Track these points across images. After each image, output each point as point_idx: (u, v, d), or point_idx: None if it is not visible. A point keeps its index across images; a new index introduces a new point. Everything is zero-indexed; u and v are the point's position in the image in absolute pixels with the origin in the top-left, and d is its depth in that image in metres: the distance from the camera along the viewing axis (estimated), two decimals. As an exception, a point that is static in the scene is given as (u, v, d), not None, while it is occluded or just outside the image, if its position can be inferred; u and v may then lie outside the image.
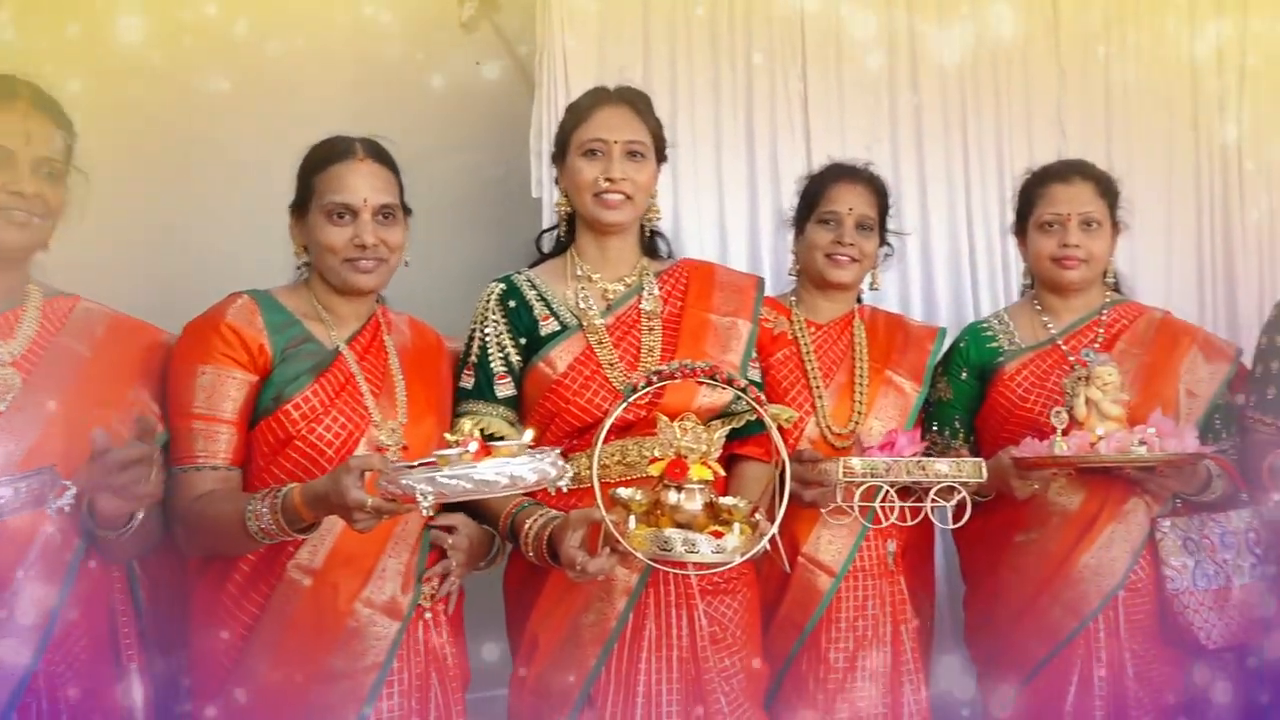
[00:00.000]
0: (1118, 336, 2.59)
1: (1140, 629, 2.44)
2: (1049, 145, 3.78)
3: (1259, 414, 2.54)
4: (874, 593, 2.44)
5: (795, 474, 2.34)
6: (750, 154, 3.64)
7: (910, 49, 3.78)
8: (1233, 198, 4.02)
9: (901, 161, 3.77)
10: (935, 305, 3.75)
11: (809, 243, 2.58)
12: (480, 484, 1.70)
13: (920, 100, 3.77)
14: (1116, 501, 2.45)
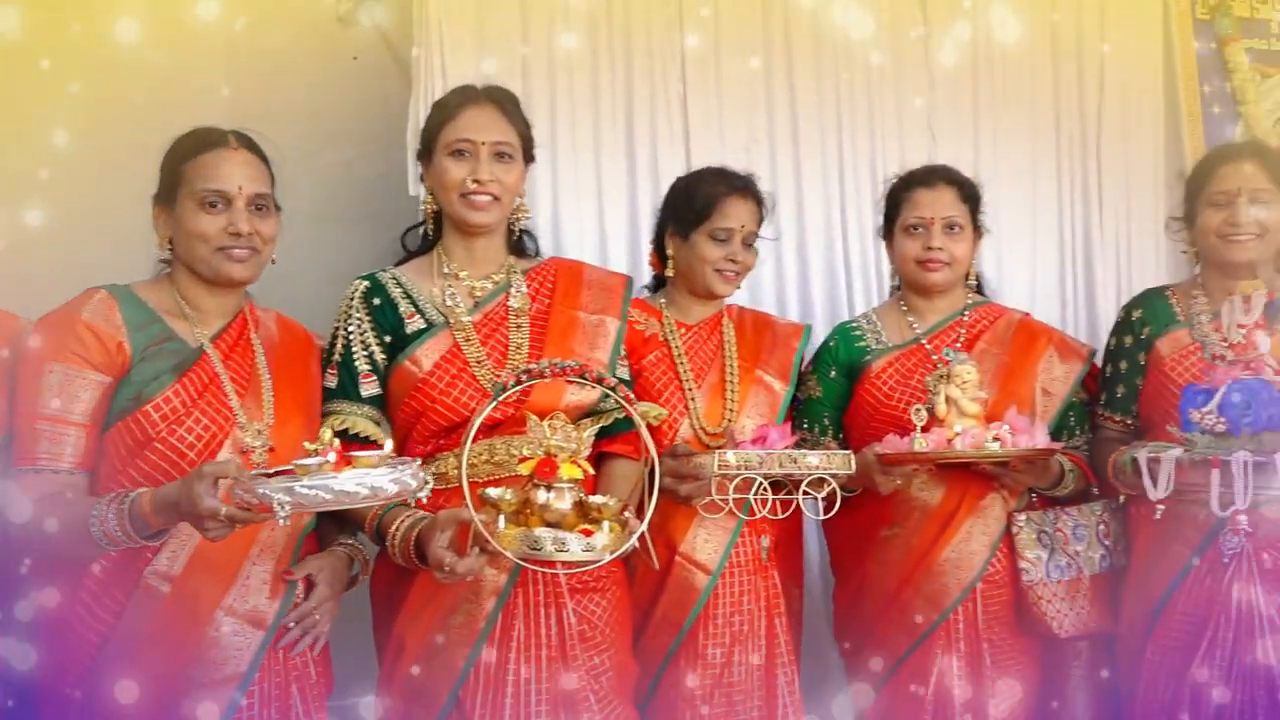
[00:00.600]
0: (978, 337, 2.64)
1: (997, 620, 2.49)
2: (919, 150, 3.86)
3: (1108, 412, 2.62)
4: (749, 588, 2.44)
5: (670, 469, 2.35)
6: (630, 156, 3.63)
7: (787, 53, 3.82)
8: (1092, 201, 4.16)
9: (779, 164, 3.81)
10: (810, 305, 3.79)
11: (698, 256, 2.54)
12: (339, 495, 1.67)
13: (797, 103, 3.82)
14: (975, 496, 2.50)
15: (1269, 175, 2.49)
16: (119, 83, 3.11)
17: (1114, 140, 4.17)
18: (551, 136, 3.54)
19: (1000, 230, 3.98)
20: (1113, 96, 4.18)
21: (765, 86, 3.78)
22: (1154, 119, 4.25)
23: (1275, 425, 2.00)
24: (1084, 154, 4.17)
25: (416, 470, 1.77)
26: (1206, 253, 2.55)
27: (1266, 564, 2.29)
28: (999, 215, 3.96)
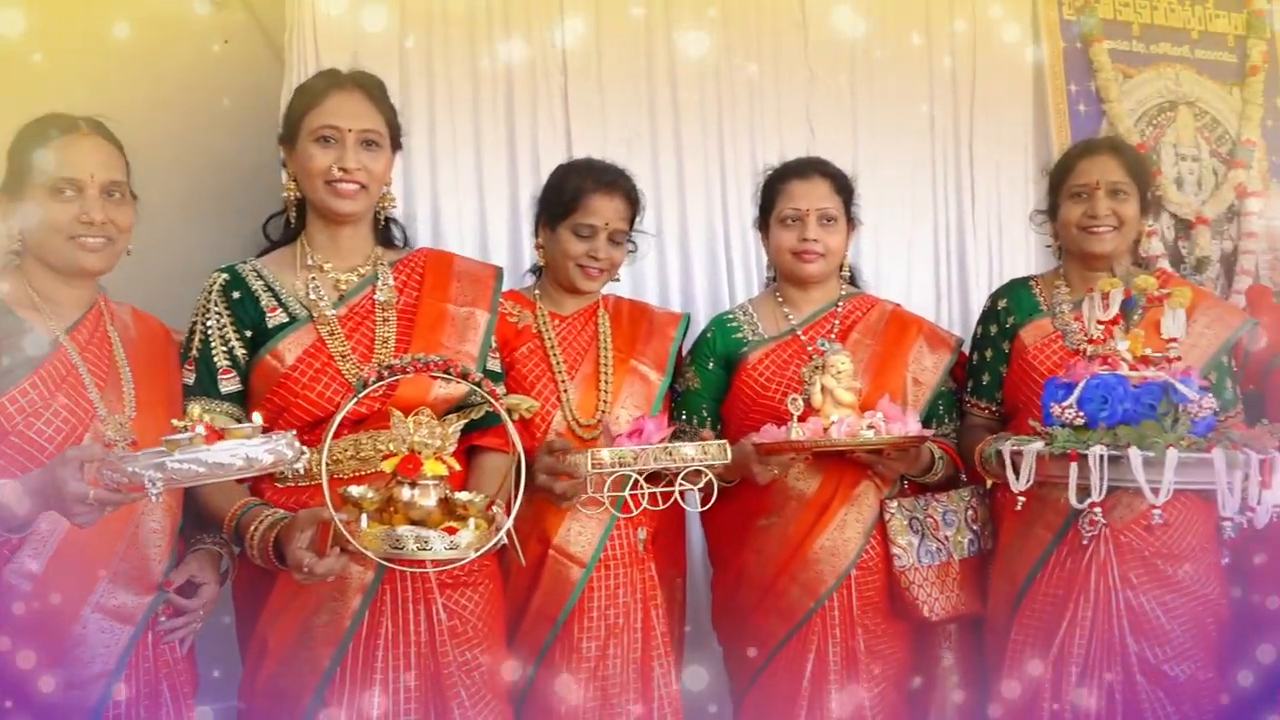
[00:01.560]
0: (852, 327, 2.63)
1: (871, 605, 2.49)
2: (799, 145, 3.86)
3: (974, 399, 2.65)
4: (625, 580, 2.40)
5: (544, 465, 2.29)
6: (511, 147, 3.57)
7: (668, 48, 3.79)
8: (965, 195, 4.22)
9: (661, 157, 3.78)
10: (693, 296, 3.78)
11: (562, 249, 2.50)
12: (214, 467, 1.62)
13: (679, 98, 3.79)
14: (849, 485, 2.50)
15: (1127, 170, 2.54)
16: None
17: (986, 136, 4.25)
18: (430, 125, 3.45)
19: (878, 223, 4.04)
20: (984, 94, 4.25)
21: (647, 81, 3.75)
22: (1023, 116, 4.34)
23: (1130, 419, 2.03)
24: (957, 150, 4.24)
25: (293, 440, 1.71)
26: (1068, 244, 2.58)
27: (1124, 544, 2.34)
28: (877, 209, 4.02)
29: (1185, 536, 2.36)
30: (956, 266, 4.22)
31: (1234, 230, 4.60)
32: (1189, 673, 2.32)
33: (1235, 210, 4.59)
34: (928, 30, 4.16)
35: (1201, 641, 2.36)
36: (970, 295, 4.08)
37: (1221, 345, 2.46)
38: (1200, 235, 4.46)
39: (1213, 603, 2.40)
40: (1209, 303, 2.56)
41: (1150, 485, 1.91)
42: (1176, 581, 2.35)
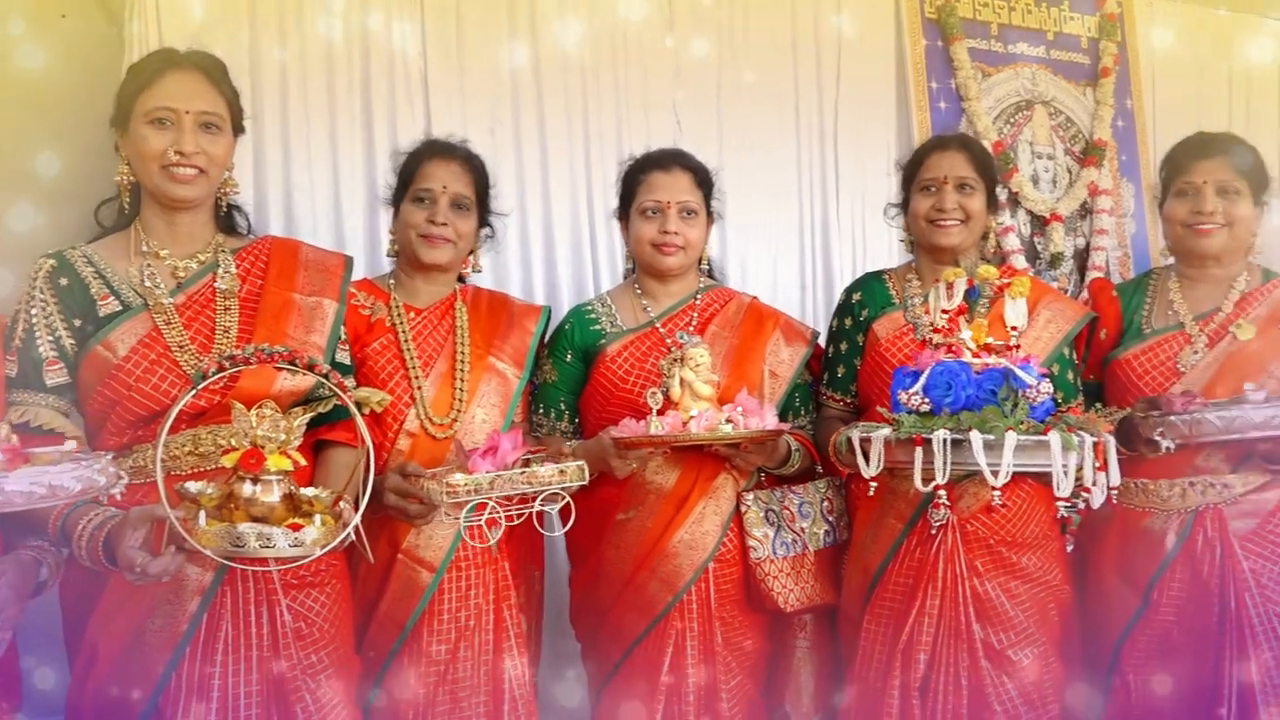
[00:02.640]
0: (710, 320, 2.68)
1: (728, 597, 2.54)
2: (665, 135, 3.92)
3: (830, 391, 2.73)
4: (478, 581, 2.39)
5: (395, 486, 2.27)
6: (368, 133, 3.53)
7: (532, 36, 3.79)
8: (829, 189, 4.34)
9: (524, 147, 3.79)
10: (557, 288, 3.80)
11: (405, 222, 2.50)
12: (10, 496, 1.53)
13: (543, 86, 3.80)
14: (707, 478, 2.54)
15: (974, 165, 2.65)
16: None
17: (851, 132, 4.37)
18: (282, 109, 3.39)
19: (744, 217, 4.13)
20: (849, 90, 4.38)
21: (510, 68, 3.75)
22: (886, 112, 4.48)
23: (973, 405, 2.12)
24: (822, 145, 4.35)
25: (107, 465, 1.65)
26: (918, 237, 2.68)
27: (970, 533, 2.44)
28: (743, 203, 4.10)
29: (1028, 525, 2.48)
30: (821, 260, 4.34)
31: (1086, 227, 4.83)
32: (1031, 657, 2.44)
33: (1088, 207, 4.83)
34: (793, 25, 4.26)
35: (1044, 626, 2.48)
36: (835, 289, 4.19)
37: (1063, 338, 2.59)
38: (1055, 232, 4.68)
39: (1055, 589, 2.52)
40: (1051, 297, 2.68)
41: (990, 467, 1.99)
42: (1020, 568, 2.47)
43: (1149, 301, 2.70)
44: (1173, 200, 2.63)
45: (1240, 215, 2.57)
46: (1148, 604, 2.52)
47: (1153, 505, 2.53)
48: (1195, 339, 2.57)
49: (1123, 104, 4.96)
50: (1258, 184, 2.62)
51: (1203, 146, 2.64)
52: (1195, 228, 2.58)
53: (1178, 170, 2.65)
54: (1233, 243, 2.59)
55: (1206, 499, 2.47)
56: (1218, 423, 2.24)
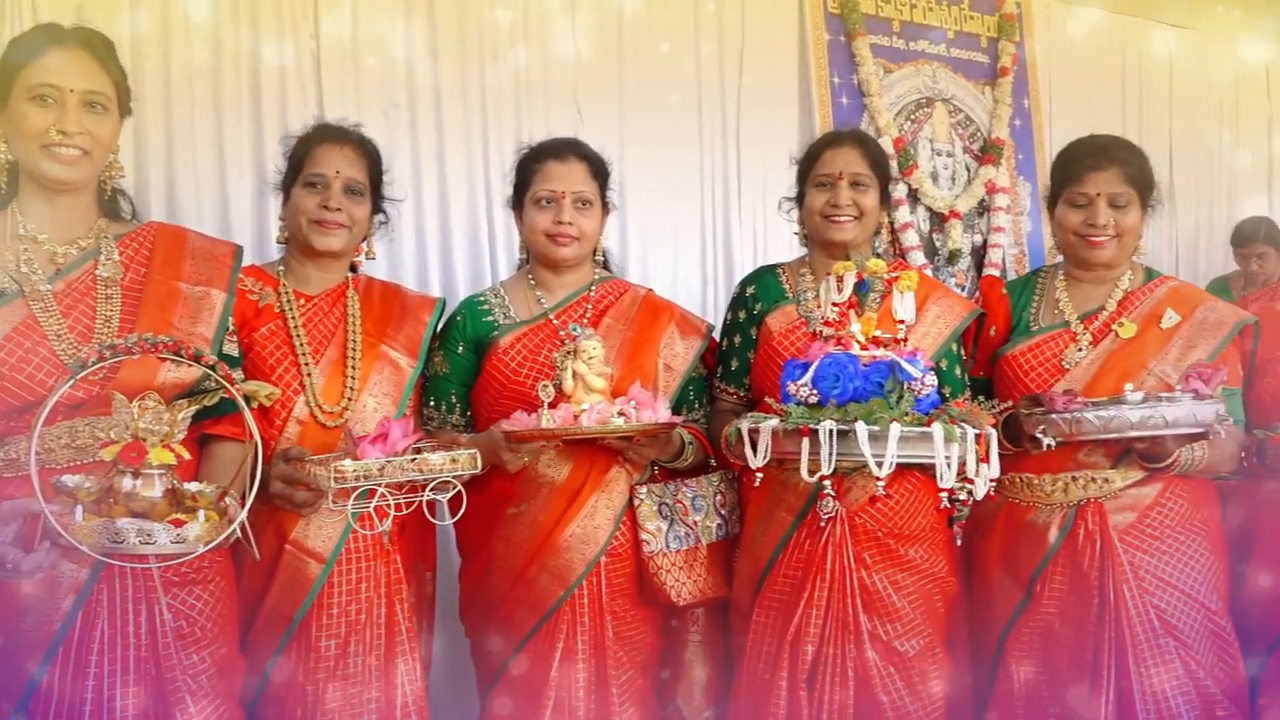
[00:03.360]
0: (604, 312, 2.73)
1: (620, 592, 2.60)
2: (566, 125, 3.97)
3: (724, 385, 2.81)
4: (368, 574, 2.41)
5: (281, 474, 2.28)
6: (257, 112, 3.52)
7: (430, 18, 3.82)
8: (731, 183, 4.45)
9: (421, 134, 3.81)
10: (453, 278, 3.83)
11: (296, 208, 2.52)
12: None
13: (440, 71, 3.83)
14: (600, 471, 2.60)
15: (868, 162, 2.75)
16: None
17: (753, 125, 4.49)
18: (165, 91, 3.37)
19: (644, 210, 4.21)
20: (752, 83, 4.49)
21: (405, 52, 3.77)
22: (789, 107, 4.61)
23: (860, 397, 2.21)
24: (724, 138, 4.46)
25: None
26: (812, 232, 2.78)
27: (858, 525, 2.55)
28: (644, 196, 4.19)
29: (915, 518, 2.59)
30: (723, 253, 4.45)
31: (984, 225, 5.02)
32: (918, 648, 2.56)
33: (985, 205, 5.02)
34: (696, 17, 4.35)
35: (930, 618, 2.59)
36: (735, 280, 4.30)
37: (951, 333, 2.71)
38: (953, 229, 4.86)
39: (942, 581, 2.64)
40: (940, 293, 2.80)
41: (875, 459, 2.09)
42: (907, 561, 2.58)
43: (1037, 299, 2.84)
44: (1065, 208, 2.74)
45: (1130, 225, 2.69)
46: (1030, 597, 2.65)
47: (1036, 499, 2.67)
48: (1080, 337, 2.71)
49: (1020, 104, 5.16)
50: (1146, 190, 2.75)
51: (1095, 157, 2.71)
52: (1087, 239, 2.70)
53: (1070, 179, 2.73)
54: (1121, 252, 2.73)
55: (1088, 493, 2.61)
56: (1096, 422, 2.36)
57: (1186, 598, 2.57)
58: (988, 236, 5.01)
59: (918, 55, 4.91)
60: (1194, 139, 5.85)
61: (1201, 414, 2.35)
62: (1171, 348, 2.65)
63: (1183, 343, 2.65)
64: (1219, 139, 5.98)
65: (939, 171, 4.93)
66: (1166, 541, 2.59)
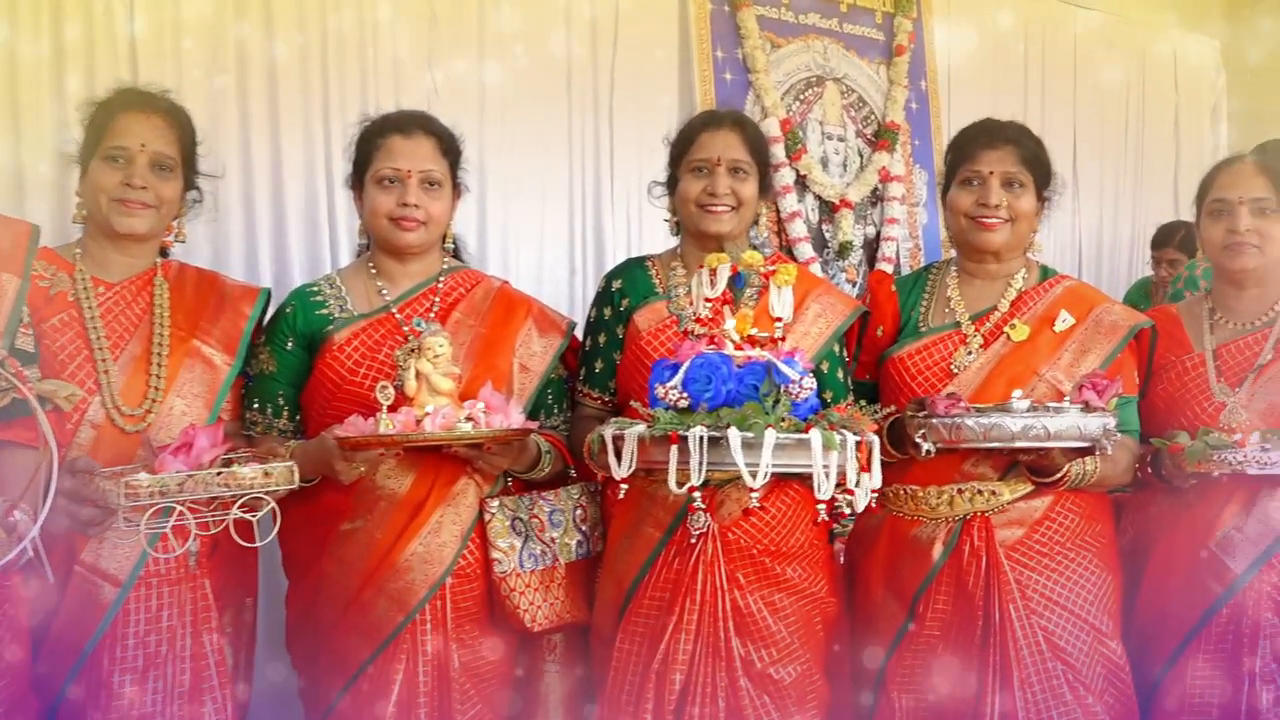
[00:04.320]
0: (454, 306, 2.70)
1: (468, 616, 2.57)
2: (419, 96, 3.93)
3: (586, 388, 2.80)
4: (171, 600, 2.35)
5: (68, 490, 2.17)
6: (58, 86, 3.39)
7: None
8: (604, 167, 4.45)
9: (252, 105, 3.73)
10: (288, 266, 3.76)
11: (95, 185, 2.44)
12: None
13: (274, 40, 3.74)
14: (446, 483, 2.57)
15: (748, 147, 2.77)
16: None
17: (628, 101, 4.49)
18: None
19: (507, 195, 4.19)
20: (627, 56, 4.50)
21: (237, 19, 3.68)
22: (668, 82, 4.63)
23: (734, 400, 2.23)
24: (597, 114, 4.46)
25: None
26: (685, 221, 2.79)
27: (731, 542, 2.56)
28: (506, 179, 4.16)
29: (793, 533, 2.61)
30: (593, 241, 4.45)
31: (877, 215, 5.12)
32: (795, 675, 2.58)
33: (879, 194, 5.12)
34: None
35: (809, 642, 2.62)
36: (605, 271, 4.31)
37: (833, 333, 2.74)
38: (844, 219, 4.94)
39: (821, 601, 2.67)
40: (821, 289, 2.83)
41: (748, 468, 2.10)
42: (785, 580, 2.60)
43: (927, 297, 2.89)
44: (957, 189, 2.81)
45: (1024, 210, 2.77)
46: (913, 618, 2.70)
47: (921, 513, 2.72)
48: (970, 339, 2.77)
49: (917, 85, 5.28)
50: (1042, 177, 2.83)
51: (989, 135, 2.81)
52: (979, 220, 2.76)
53: (963, 158, 2.82)
54: (1014, 238, 2.79)
55: (974, 507, 2.67)
56: (976, 429, 2.41)
57: (1076, 619, 2.65)
58: (881, 228, 5.10)
59: (808, 30, 4.98)
60: (1101, 129, 6.06)
61: (1088, 427, 2.41)
62: (1065, 352, 2.72)
63: (1076, 347, 2.73)
64: (1125, 130, 6.21)
65: (829, 157, 5.01)
66: (1056, 559, 2.66)
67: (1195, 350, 2.86)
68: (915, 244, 5.22)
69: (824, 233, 4.95)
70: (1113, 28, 6.08)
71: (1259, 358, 2.79)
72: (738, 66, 4.74)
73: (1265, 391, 2.76)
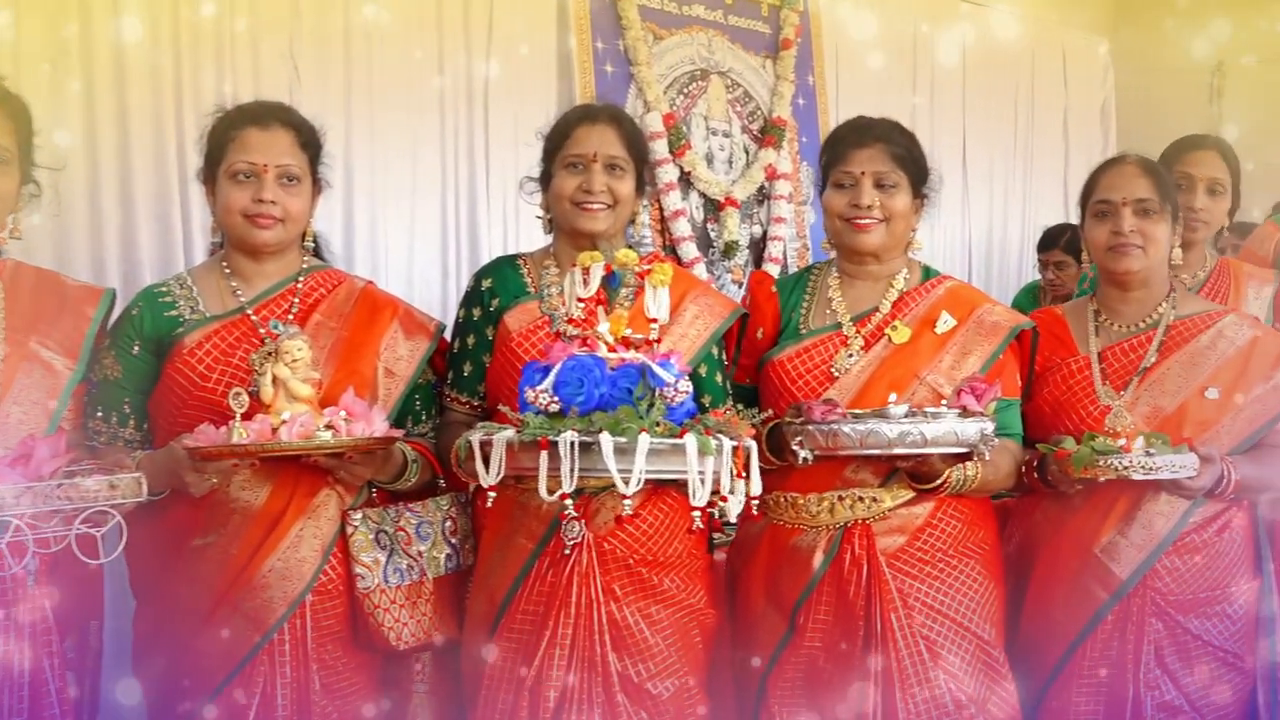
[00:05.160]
0: (314, 307, 2.68)
1: (330, 635, 2.56)
2: (279, 86, 3.89)
3: (455, 393, 2.80)
4: (7, 624, 2.27)
5: None
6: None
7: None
8: (479, 162, 4.45)
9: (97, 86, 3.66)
10: (138, 266, 3.71)
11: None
12: None
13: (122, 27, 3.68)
14: (305, 494, 2.56)
15: (625, 143, 2.80)
16: None
17: (504, 94, 4.51)
18: None
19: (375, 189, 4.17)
20: (503, 45, 4.51)
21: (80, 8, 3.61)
22: (546, 74, 4.66)
23: (606, 405, 2.24)
24: (471, 107, 4.46)
25: None
26: (559, 219, 2.80)
27: (607, 552, 2.58)
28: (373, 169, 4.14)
29: (671, 542, 2.64)
30: (467, 242, 4.45)
31: (764, 214, 5.19)
32: (673, 689, 2.61)
33: (766, 193, 5.19)
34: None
35: (687, 656, 2.65)
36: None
37: (711, 335, 2.77)
38: (729, 218, 5.00)
39: (700, 613, 2.70)
40: (699, 291, 2.85)
41: (621, 474, 2.12)
42: (662, 591, 2.63)
43: (808, 299, 2.94)
44: (831, 191, 2.85)
45: (898, 209, 2.83)
46: (794, 629, 2.75)
47: (802, 521, 2.76)
48: (852, 341, 2.83)
49: (805, 81, 5.37)
50: (916, 175, 2.89)
51: (859, 134, 2.85)
52: (853, 221, 2.81)
53: (834, 158, 2.86)
54: (890, 239, 2.85)
55: (855, 514, 2.72)
56: (853, 435, 2.46)
57: (958, 627, 2.71)
58: (767, 227, 5.18)
59: (692, 21, 5.03)
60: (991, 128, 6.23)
61: (965, 432, 2.48)
62: (946, 354, 2.79)
63: (958, 349, 2.80)
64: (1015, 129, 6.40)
65: (714, 153, 5.07)
66: (938, 566, 2.73)
67: (1081, 353, 2.96)
68: (803, 244, 5.30)
69: (709, 232, 5.01)
70: (1003, 26, 6.25)
71: (1144, 360, 2.90)
72: (619, 58, 4.78)
73: (1150, 395, 2.86)
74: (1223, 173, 3.55)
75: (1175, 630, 2.79)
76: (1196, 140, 3.65)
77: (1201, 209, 3.50)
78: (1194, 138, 3.67)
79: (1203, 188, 3.50)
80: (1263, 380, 2.85)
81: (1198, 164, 3.53)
